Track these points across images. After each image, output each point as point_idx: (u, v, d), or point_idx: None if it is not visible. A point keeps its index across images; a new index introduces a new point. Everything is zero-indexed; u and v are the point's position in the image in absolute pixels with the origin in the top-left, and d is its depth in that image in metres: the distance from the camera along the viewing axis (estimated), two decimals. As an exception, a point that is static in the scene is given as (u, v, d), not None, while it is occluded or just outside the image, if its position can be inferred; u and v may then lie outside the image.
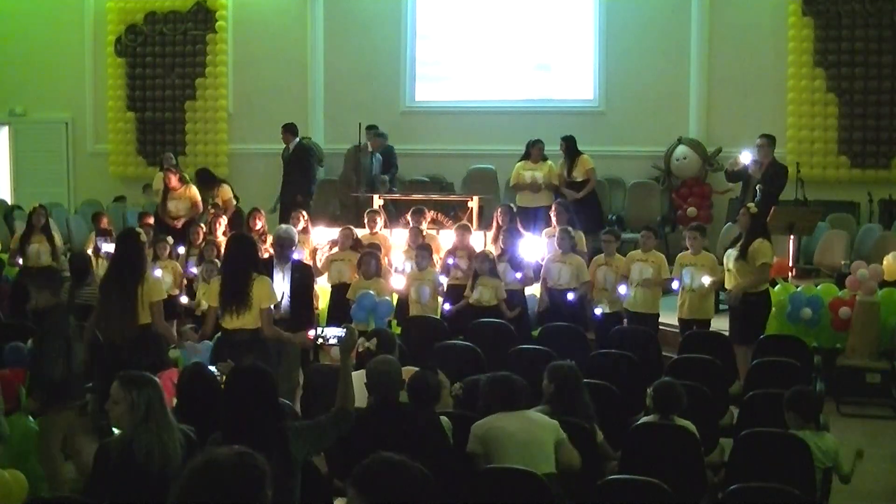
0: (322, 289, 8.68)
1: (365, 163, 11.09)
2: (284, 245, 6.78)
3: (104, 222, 9.96)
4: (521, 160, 10.65)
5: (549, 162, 10.63)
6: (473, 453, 4.55)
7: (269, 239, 9.39)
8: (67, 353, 5.69)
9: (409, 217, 9.30)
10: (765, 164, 9.06)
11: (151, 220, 10.14)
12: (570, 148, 10.56)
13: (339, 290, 8.58)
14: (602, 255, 8.29)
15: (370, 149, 11.10)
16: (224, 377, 4.69)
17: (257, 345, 5.88)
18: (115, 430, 3.99)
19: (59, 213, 12.83)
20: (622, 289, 8.00)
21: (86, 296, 7.18)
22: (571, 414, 4.82)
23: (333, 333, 5.49)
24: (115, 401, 3.88)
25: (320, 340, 5.63)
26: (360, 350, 5.23)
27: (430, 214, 9.63)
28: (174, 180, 10.40)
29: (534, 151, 10.54)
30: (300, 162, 11.68)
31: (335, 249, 8.94)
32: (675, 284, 7.96)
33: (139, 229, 7.30)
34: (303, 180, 11.58)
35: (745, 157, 9.06)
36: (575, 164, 10.49)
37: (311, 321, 6.81)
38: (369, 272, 8.11)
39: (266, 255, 7.38)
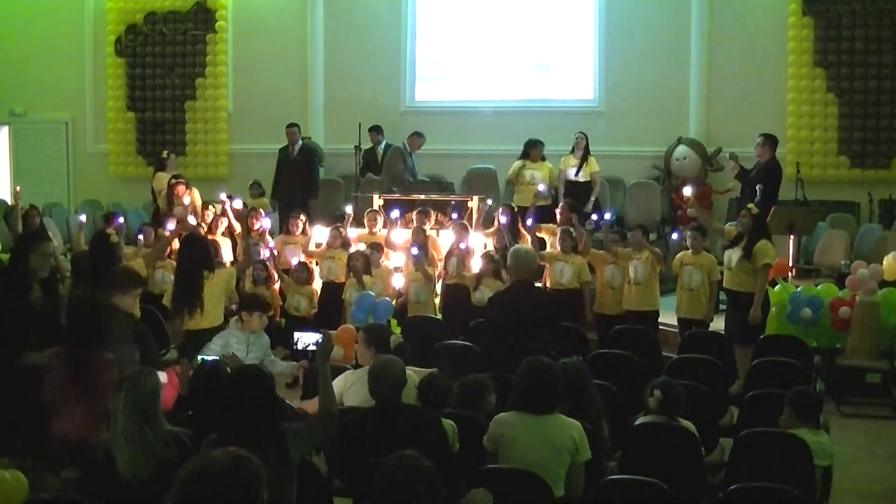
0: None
1: (409, 163, 11.10)
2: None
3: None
4: (520, 159, 10.63)
5: (548, 163, 10.63)
6: (486, 449, 4.51)
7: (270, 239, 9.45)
8: None
9: (413, 216, 9.32)
10: (762, 163, 9.11)
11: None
12: (587, 146, 10.61)
13: (329, 289, 8.59)
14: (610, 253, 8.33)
15: (409, 149, 11.12)
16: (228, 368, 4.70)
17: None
18: None
19: (60, 213, 12.83)
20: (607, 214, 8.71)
21: (86, 296, 7.19)
22: (579, 411, 4.78)
23: (310, 340, 5.47)
24: (112, 396, 3.88)
25: (296, 347, 5.62)
26: (394, 346, 5.24)
27: (434, 215, 9.63)
28: (182, 190, 10.41)
29: (533, 152, 10.53)
30: (307, 162, 11.72)
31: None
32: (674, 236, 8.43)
33: (109, 230, 7.42)
34: (308, 181, 11.61)
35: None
36: (584, 163, 10.53)
37: None
38: (357, 271, 8.15)
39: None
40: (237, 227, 8.94)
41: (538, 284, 8.44)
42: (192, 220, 8.99)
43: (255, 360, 5.69)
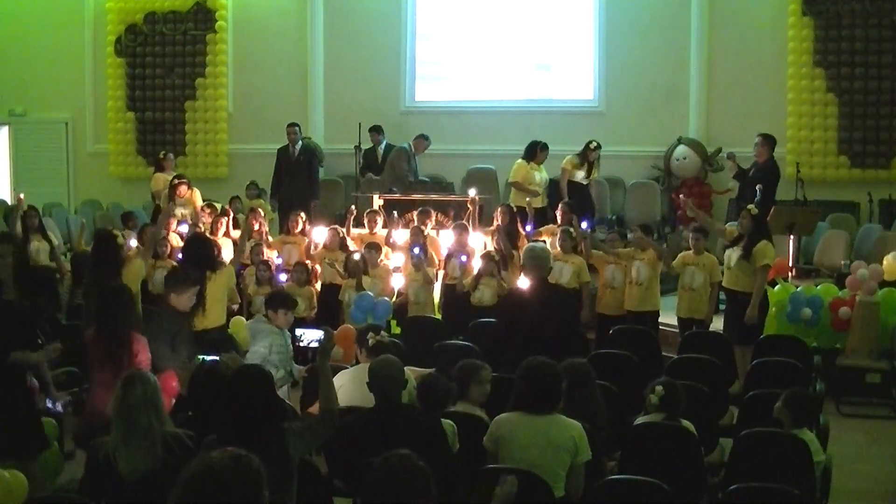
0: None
1: (413, 165, 11.11)
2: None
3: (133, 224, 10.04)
4: (524, 160, 10.45)
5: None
6: (486, 449, 4.50)
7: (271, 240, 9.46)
8: None
9: (415, 216, 9.33)
10: (760, 163, 9.11)
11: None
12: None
13: (328, 290, 8.59)
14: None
15: (414, 151, 11.13)
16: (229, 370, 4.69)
17: (233, 343, 5.90)
18: None
19: (60, 213, 12.83)
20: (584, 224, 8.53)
21: (86, 296, 7.19)
22: (582, 412, 4.77)
23: (313, 337, 5.46)
24: (115, 396, 3.90)
25: (299, 344, 5.62)
26: (371, 344, 5.24)
27: (434, 216, 9.62)
28: (184, 190, 10.41)
29: (542, 155, 10.46)
30: (308, 163, 11.74)
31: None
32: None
33: (116, 231, 7.43)
34: (310, 181, 11.64)
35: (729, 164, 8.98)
36: (592, 168, 10.54)
37: None
38: (356, 271, 8.15)
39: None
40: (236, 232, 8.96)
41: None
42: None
43: (292, 355, 5.80)
